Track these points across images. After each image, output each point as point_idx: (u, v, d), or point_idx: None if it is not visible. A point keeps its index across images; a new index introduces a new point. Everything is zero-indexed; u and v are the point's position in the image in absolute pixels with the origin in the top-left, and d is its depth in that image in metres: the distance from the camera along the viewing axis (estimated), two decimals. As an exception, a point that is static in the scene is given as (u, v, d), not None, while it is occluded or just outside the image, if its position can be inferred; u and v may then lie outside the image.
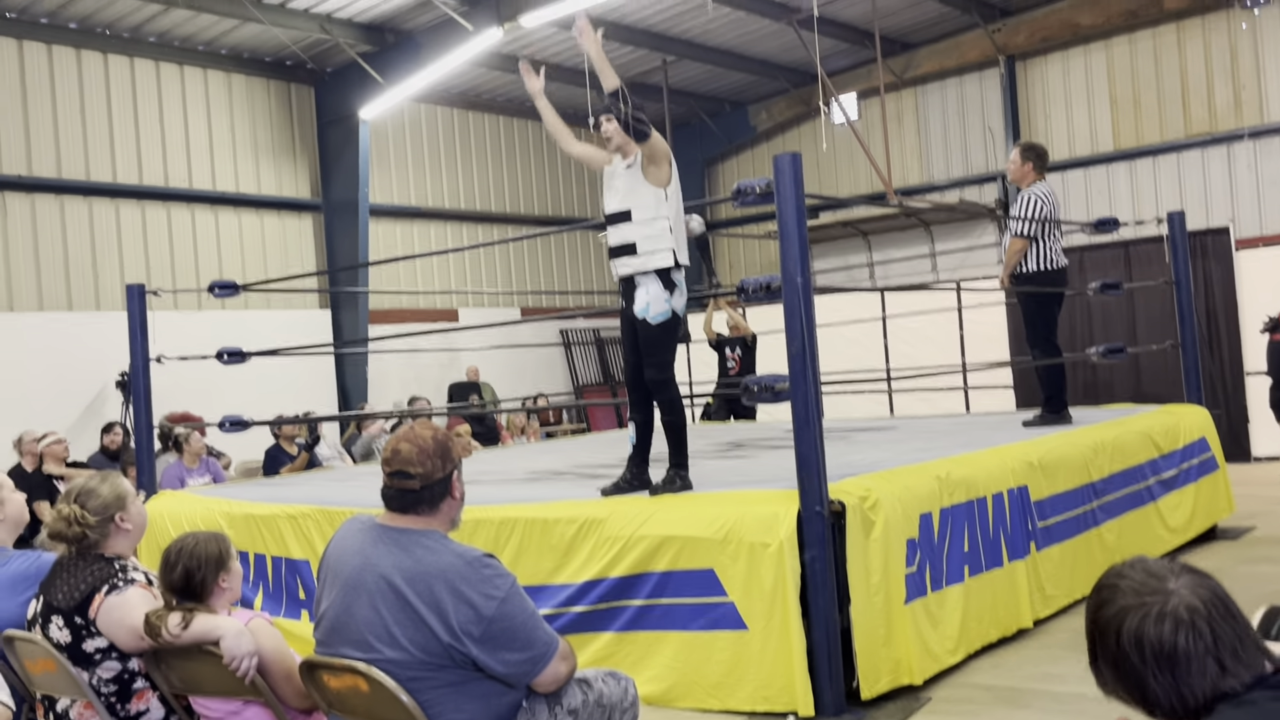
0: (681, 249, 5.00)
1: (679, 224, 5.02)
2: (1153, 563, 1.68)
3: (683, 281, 5.06)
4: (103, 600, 3.25)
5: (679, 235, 5.00)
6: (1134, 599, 1.59)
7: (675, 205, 5.01)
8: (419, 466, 2.90)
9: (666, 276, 4.98)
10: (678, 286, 5.01)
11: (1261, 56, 13.74)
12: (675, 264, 4.97)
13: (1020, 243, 7.16)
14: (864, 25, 15.06)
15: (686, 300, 5.11)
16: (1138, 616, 1.57)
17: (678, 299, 5.02)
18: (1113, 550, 6.32)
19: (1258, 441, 11.44)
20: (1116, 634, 1.58)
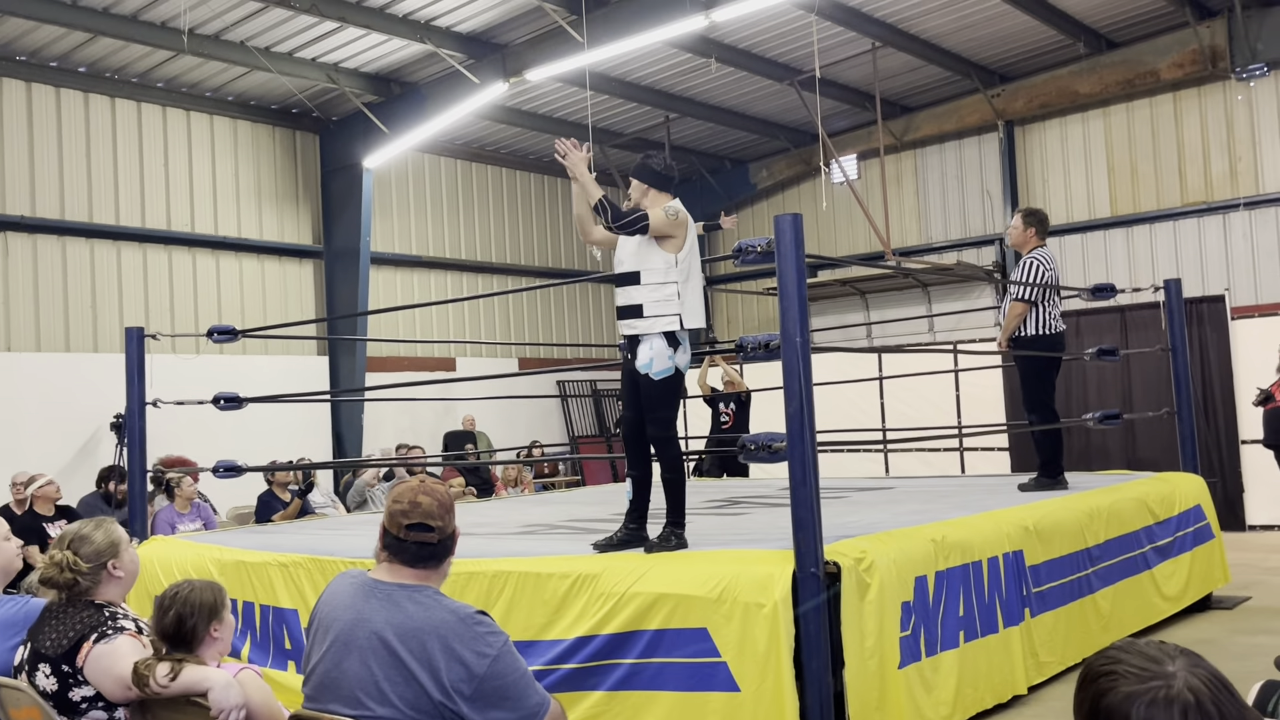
0: (691, 313, 5.04)
1: (690, 287, 5.05)
2: (1144, 645, 1.68)
3: (686, 339, 5.11)
4: (91, 648, 3.22)
5: (689, 299, 5.04)
6: (1138, 684, 1.58)
7: (687, 269, 5.05)
8: (439, 520, 2.89)
9: (671, 334, 5.04)
10: (682, 344, 5.07)
11: (1257, 128, 13.91)
12: (681, 326, 5.02)
13: (1021, 306, 7.21)
14: (865, 88, 15.24)
15: (690, 358, 5.15)
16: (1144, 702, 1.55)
17: (681, 356, 5.07)
18: (1107, 618, 6.29)
19: (1253, 510, 11.42)
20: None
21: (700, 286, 5.14)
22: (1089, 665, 1.68)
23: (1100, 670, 1.65)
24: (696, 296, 5.09)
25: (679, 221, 5.05)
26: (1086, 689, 1.65)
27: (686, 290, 5.03)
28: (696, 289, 5.10)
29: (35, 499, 8.86)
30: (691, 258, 5.08)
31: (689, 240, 5.08)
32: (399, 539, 2.89)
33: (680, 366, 5.07)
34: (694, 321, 5.06)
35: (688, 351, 5.11)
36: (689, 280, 5.05)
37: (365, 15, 11.94)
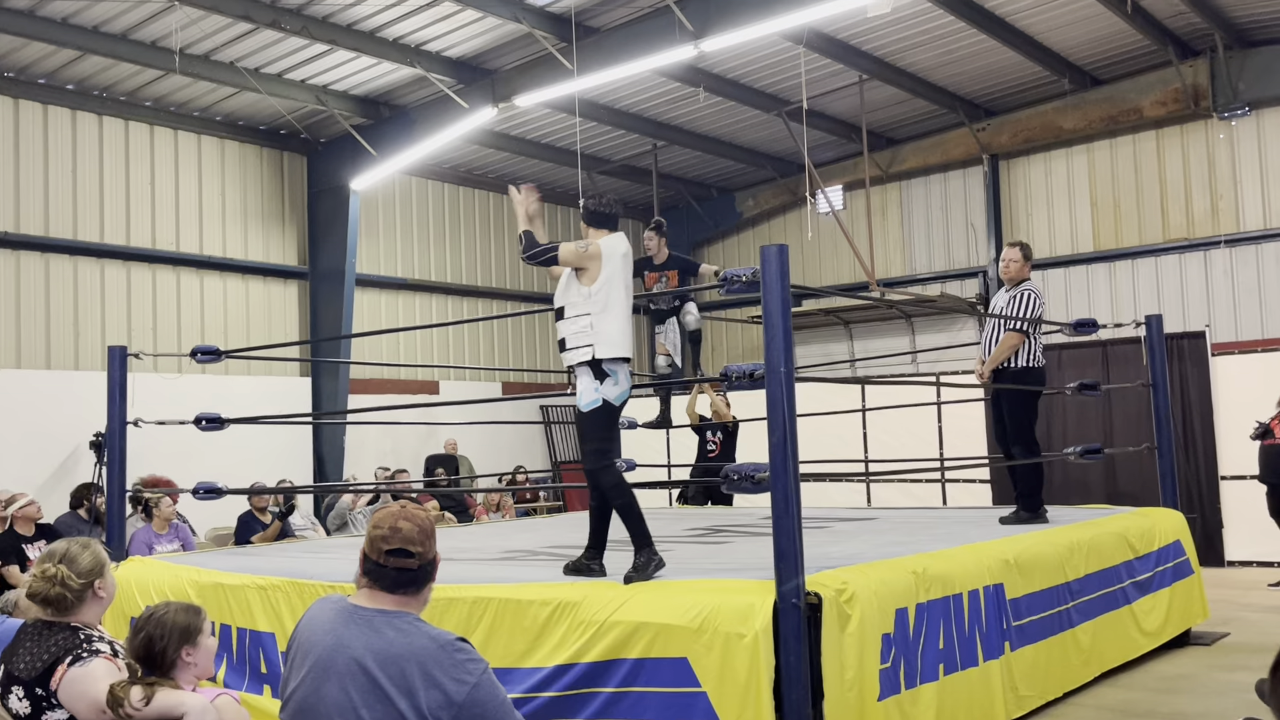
0: (608, 344, 5.07)
1: (607, 318, 5.08)
2: None
3: (620, 371, 5.11)
4: (65, 671, 3.19)
5: (605, 329, 5.07)
6: None
7: (604, 300, 5.10)
8: (419, 546, 2.87)
9: (598, 367, 5.08)
10: (609, 376, 5.09)
11: (1238, 167, 14.06)
12: (601, 358, 5.06)
13: (1018, 338, 7.25)
14: (851, 119, 15.36)
15: (627, 389, 5.15)
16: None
17: (609, 388, 5.10)
18: (1087, 652, 6.30)
19: (1232, 546, 11.46)
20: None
21: (621, 317, 5.13)
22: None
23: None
24: (615, 327, 5.10)
25: (589, 254, 5.12)
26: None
27: (602, 321, 5.07)
28: (615, 320, 5.10)
29: (15, 519, 8.76)
30: (609, 289, 5.11)
31: (604, 272, 5.12)
32: (379, 564, 2.87)
33: (609, 399, 5.10)
34: (610, 352, 5.08)
35: (619, 384, 5.12)
36: (606, 311, 5.08)
37: (355, 38, 11.98)
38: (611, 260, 5.17)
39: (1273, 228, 13.82)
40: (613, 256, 5.17)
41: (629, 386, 5.16)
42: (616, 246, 5.23)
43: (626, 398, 5.18)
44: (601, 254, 5.15)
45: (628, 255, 5.28)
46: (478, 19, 11.86)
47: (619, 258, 5.20)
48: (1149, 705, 5.96)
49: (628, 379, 5.15)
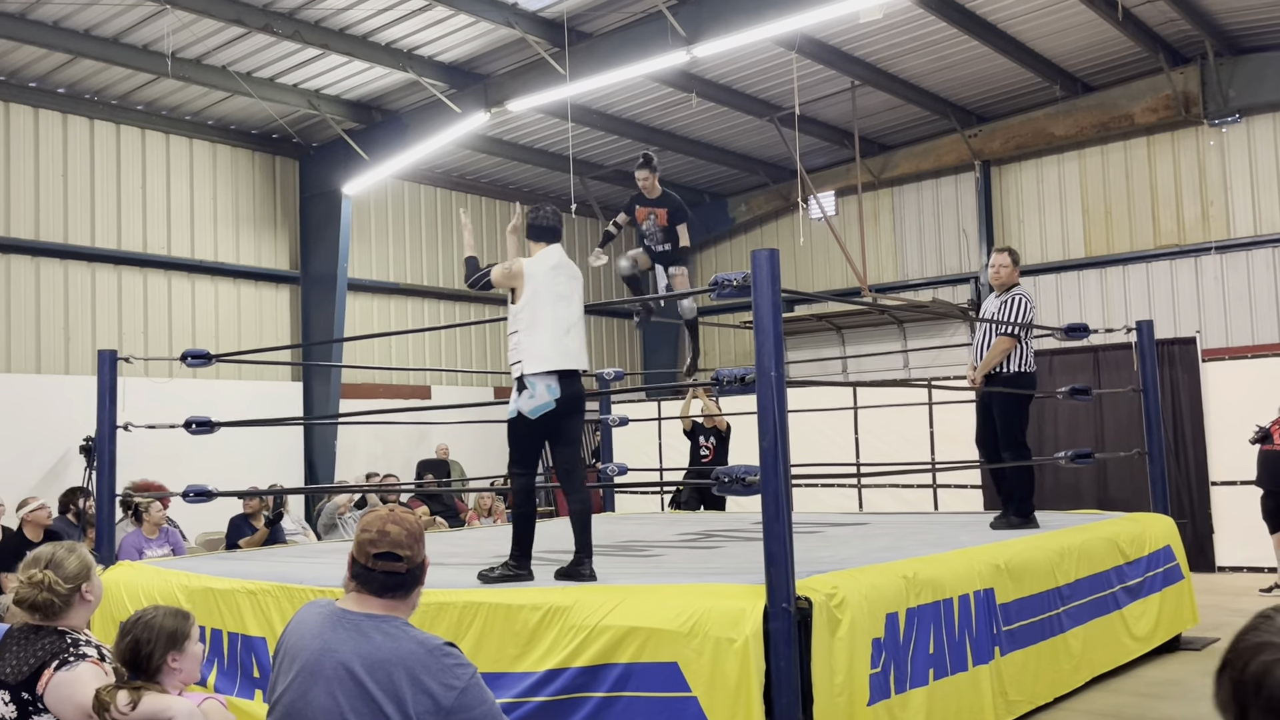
0: (536, 358, 5.30)
1: (534, 334, 5.32)
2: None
3: (538, 384, 5.31)
4: (52, 676, 3.17)
5: (533, 345, 5.32)
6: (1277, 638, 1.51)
7: (530, 317, 5.33)
8: (407, 549, 2.85)
9: (520, 380, 5.35)
10: (528, 389, 5.32)
11: (1228, 173, 14.11)
12: (525, 374, 5.31)
13: (1010, 342, 7.28)
14: (843, 125, 15.39)
15: (547, 402, 5.32)
16: (1271, 656, 1.49)
17: (524, 401, 5.33)
18: (1077, 657, 6.30)
19: (1222, 552, 11.48)
20: (1246, 663, 1.52)
21: (548, 331, 5.32)
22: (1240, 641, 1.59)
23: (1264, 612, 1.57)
24: (540, 342, 5.31)
25: (512, 273, 5.39)
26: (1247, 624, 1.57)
27: (528, 338, 5.32)
28: (540, 335, 5.32)
29: (25, 523, 8.72)
30: (534, 306, 5.33)
31: (528, 290, 5.35)
32: (367, 568, 2.85)
33: (524, 411, 5.34)
34: (535, 367, 5.29)
35: (535, 397, 5.31)
36: (531, 328, 5.32)
37: (347, 43, 11.98)
38: (535, 277, 5.38)
39: (1263, 234, 13.87)
40: (536, 274, 5.39)
41: (550, 399, 5.31)
42: (544, 261, 5.45)
43: (547, 410, 5.32)
44: (524, 273, 5.39)
45: (558, 267, 5.47)
46: (470, 24, 11.87)
47: (545, 272, 5.40)
48: (1139, 710, 5.96)
49: (548, 392, 5.30)
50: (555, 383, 5.31)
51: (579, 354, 5.42)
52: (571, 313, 5.42)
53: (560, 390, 5.32)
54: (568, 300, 5.42)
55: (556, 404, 5.32)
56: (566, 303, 5.40)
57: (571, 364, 5.35)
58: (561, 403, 5.34)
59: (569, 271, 5.52)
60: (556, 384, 5.32)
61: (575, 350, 5.39)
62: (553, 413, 5.33)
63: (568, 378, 5.36)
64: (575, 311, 5.45)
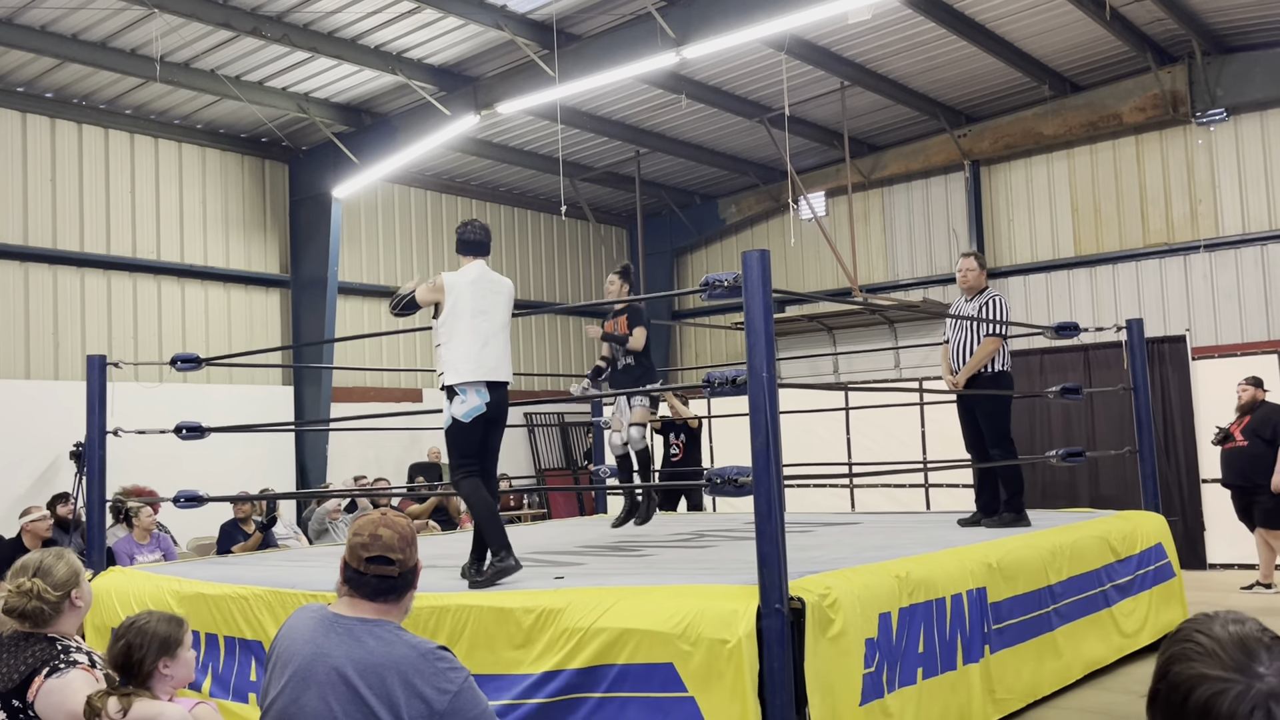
0: (454, 369, 5.56)
1: (453, 346, 5.57)
2: (1243, 629, 1.51)
3: (469, 390, 5.55)
4: (42, 683, 3.16)
5: (451, 356, 5.57)
6: (1216, 669, 1.44)
7: (450, 330, 5.59)
8: (399, 553, 2.85)
9: (450, 390, 5.59)
10: (458, 395, 5.56)
11: (1216, 172, 14.16)
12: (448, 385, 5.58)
13: (998, 342, 7.35)
14: (833, 126, 15.41)
15: (478, 405, 5.56)
16: (1212, 689, 1.42)
17: (457, 406, 5.58)
18: (1068, 655, 6.31)
19: (1213, 549, 11.51)
20: (1185, 697, 1.44)
21: (466, 343, 5.55)
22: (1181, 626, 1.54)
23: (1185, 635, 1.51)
24: (459, 354, 5.55)
25: (435, 288, 5.63)
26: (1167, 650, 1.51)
27: (448, 350, 5.57)
28: (460, 347, 5.55)
29: (24, 532, 8.67)
30: (454, 319, 5.57)
31: (448, 303, 5.59)
32: (359, 572, 2.85)
33: (458, 416, 5.57)
34: (455, 378, 5.53)
35: (466, 402, 5.55)
36: (450, 341, 5.57)
37: (336, 46, 11.96)
38: (454, 290, 5.62)
39: (1251, 232, 13.92)
40: (455, 287, 5.62)
41: (481, 403, 5.55)
42: (465, 275, 5.68)
43: (479, 413, 5.56)
44: (444, 287, 5.63)
45: (478, 281, 5.68)
46: (459, 26, 11.86)
47: (466, 285, 5.63)
48: (1130, 708, 5.97)
49: (478, 396, 5.55)
50: (484, 388, 5.56)
51: (498, 366, 5.64)
52: (491, 325, 5.64)
53: (489, 395, 5.57)
54: (488, 314, 5.64)
55: (487, 408, 5.57)
56: (486, 316, 5.63)
57: (488, 375, 5.58)
58: (490, 408, 5.59)
59: (492, 285, 5.73)
60: (485, 389, 5.57)
61: (493, 362, 5.61)
62: (482, 417, 5.57)
63: (494, 387, 5.61)
64: (496, 323, 5.67)
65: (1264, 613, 8.40)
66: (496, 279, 5.82)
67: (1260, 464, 9.60)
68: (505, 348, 5.72)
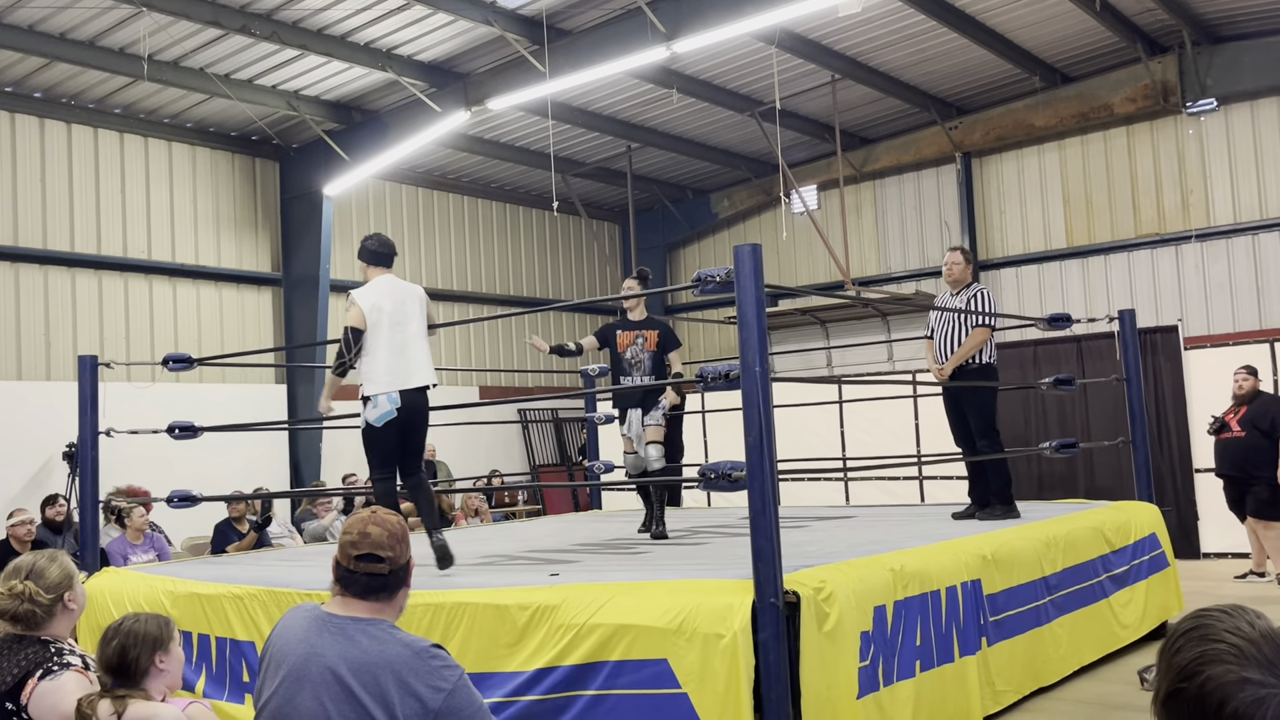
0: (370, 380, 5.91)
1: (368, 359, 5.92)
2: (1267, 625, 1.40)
3: (380, 397, 5.88)
4: (36, 685, 3.15)
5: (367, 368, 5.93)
6: (1255, 672, 1.34)
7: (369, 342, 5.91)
8: (389, 550, 2.83)
9: (366, 398, 5.95)
10: (370, 401, 5.91)
11: (1207, 162, 14.18)
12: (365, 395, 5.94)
13: (986, 332, 7.37)
14: (824, 119, 15.40)
15: (387, 410, 5.88)
16: (1254, 695, 1.32)
17: (369, 411, 5.92)
18: (1064, 646, 6.33)
19: (1207, 538, 11.54)
20: (1219, 705, 1.33)
21: (380, 354, 5.88)
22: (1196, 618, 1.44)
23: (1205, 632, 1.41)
24: (373, 365, 5.89)
25: (357, 313, 5.92)
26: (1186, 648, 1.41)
27: (364, 363, 5.92)
28: (374, 358, 5.89)
29: (10, 536, 8.65)
30: (374, 333, 5.89)
31: (367, 319, 5.88)
32: (350, 570, 2.84)
33: (370, 420, 5.91)
34: (370, 389, 5.89)
35: (377, 407, 5.88)
36: (370, 352, 5.90)
37: (326, 43, 11.92)
38: (364, 302, 5.93)
39: (1242, 222, 13.94)
40: (367, 302, 5.92)
41: (392, 408, 5.87)
42: (374, 290, 5.99)
43: (390, 418, 5.89)
44: (359, 302, 5.94)
45: (389, 293, 5.98)
46: (449, 22, 11.83)
47: (374, 300, 5.94)
48: (1126, 698, 5.99)
49: (389, 402, 5.87)
50: (396, 394, 5.87)
51: (415, 371, 5.93)
52: (405, 334, 5.93)
53: (401, 400, 5.87)
54: (403, 324, 5.94)
55: (398, 412, 5.86)
56: (401, 326, 5.93)
57: (403, 384, 5.88)
58: (402, 412, 5.88)
59: (400, 293, 6.01)
60: (397, 395, 5.87)
61: (407, 369, 5.91)
62: (395, 421, 5.88)
63: (409, 392, 5.91)
64: (411, 330, 5.96)
65: (1259, 601, 8.42)
66: (407, 287, 6.09)
67: (1257, 455, 9.60)
68: (423, 352, 6.01)
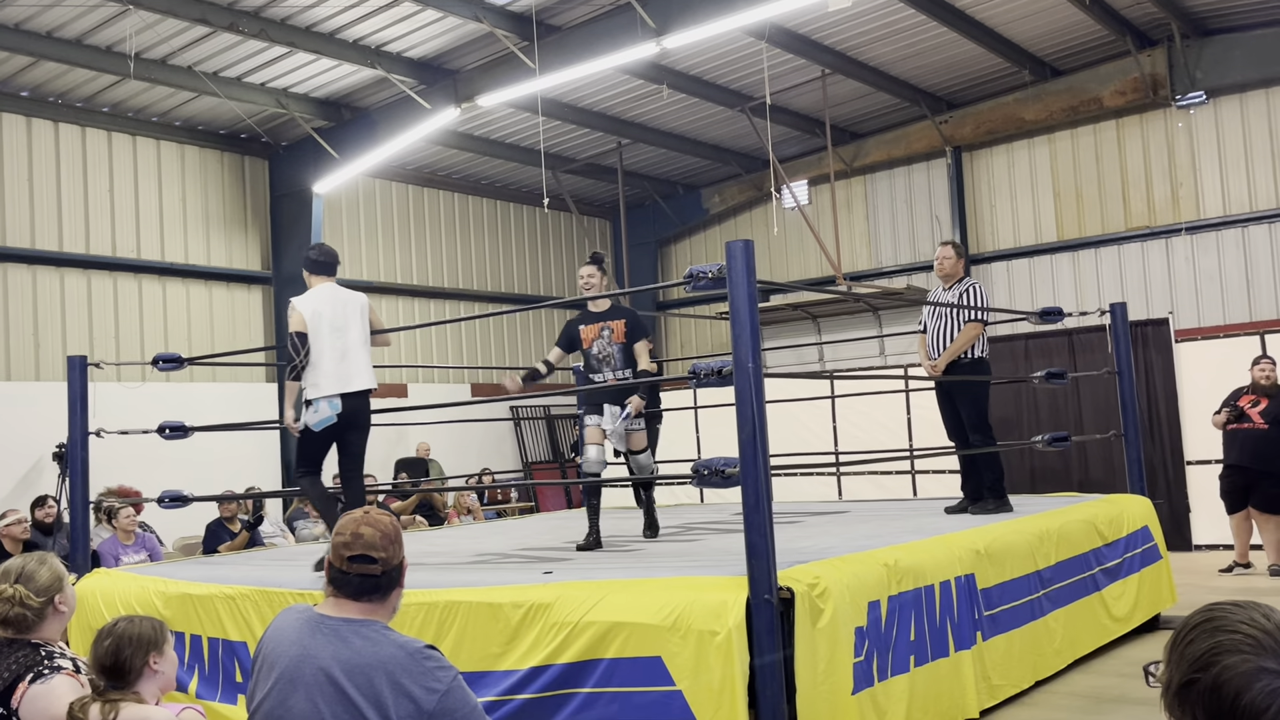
0: (312, 388, 6.12)
1: (313, 369, 6.12)
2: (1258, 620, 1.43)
3: (322, 403, 6.10)
4: (26, 689, 3.13)
5: (311, 378, 6.13)
6: (1271, 662, 1.37)
7: (314, 350, 6.11)
8: (382, 551, 2.82)
9: (310, 401, 6.15)
10: (314, 404, 6.12)
11: (1197, 155, 14.20)
12: (309, 399, 6.14)
13: (978, 327, 7.39)
14: (815, 114, 15.39)
15: (327, 416, 6.11)
16: (1268, 688, 1.35)
17: (310, 416, 6.14)
18: (1059, 640, 6.33)
19: (1199, 530, 11.56)
20: (1235, 695, 1.36)
21: (323, 361, 6.08)
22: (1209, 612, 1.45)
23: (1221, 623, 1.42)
24: (317, 374, 6.09)
25: (298, 319, 6.12)
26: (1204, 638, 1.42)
27: (311, 370, 6.10)
28: (323, 365, 6.09)
29: (1, 535, 8.59)
30: (316, 341, 6.08)
31: (308, 328, 6.08)
32: (342, 572, 2.82)
33: (310, 424, 6.13)
34: (314, 394, 6.09)
35: (317, 413, 6.09)
36: (314, 359, 6.10)
37: (315, 41, 11.88)
38: (304, 308, 6.12)
39: (1232, 214, 13.97)
40: (307, 311, 6.12)
41: (332, 414, 6.09)
42: (315, 298, 6.17)
43: (330, 423, 6.11)
44: (299, 308, 6.13)
45: (327, 300, 6.17)
46: (438, 19, 11.80)
47: (314, 308, 6.13)
48: (1120, 691, 6.00)
49: (329, 408, 6.08)
50: (338, 400, 6.07)
51: (355, 376, 6.10)
52: (347, 339, 6.10)
53: (341, 406, 6.06)
54: (342, 330, 6.10)
55: (339, 418, 6.05)
56: (340, 332, 6.09)
57: (343, 388, 6.07)
58: (342, 417, 6.06)
59: (340, 300, 6.18)
60: (339, 401, 6.07)
61: (348, 374, 6.08)
62: (334, 426, 6.08)
63: (350, 396, 6.09)
64: (352, 337, 6.12)
65: (1250, 593, 8.45)
66: (347, 295, 6.24)
67: (1278, 448, 9.53)
68: (363, 358, 6.17)
